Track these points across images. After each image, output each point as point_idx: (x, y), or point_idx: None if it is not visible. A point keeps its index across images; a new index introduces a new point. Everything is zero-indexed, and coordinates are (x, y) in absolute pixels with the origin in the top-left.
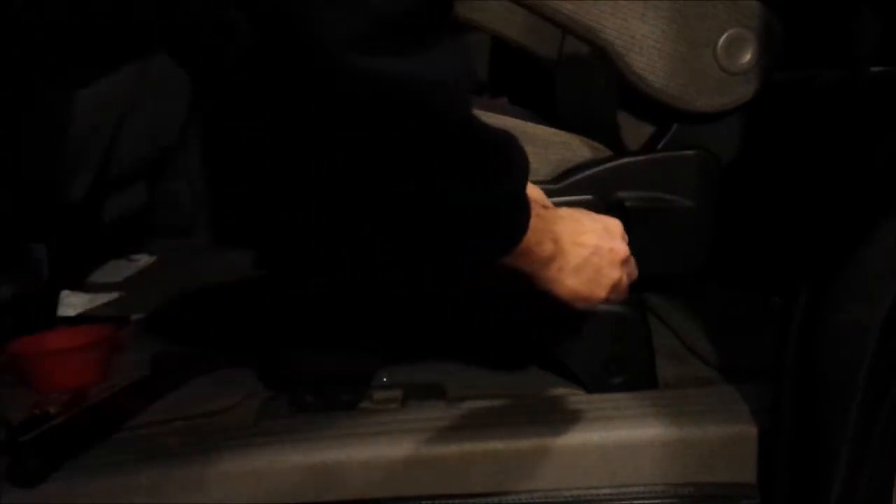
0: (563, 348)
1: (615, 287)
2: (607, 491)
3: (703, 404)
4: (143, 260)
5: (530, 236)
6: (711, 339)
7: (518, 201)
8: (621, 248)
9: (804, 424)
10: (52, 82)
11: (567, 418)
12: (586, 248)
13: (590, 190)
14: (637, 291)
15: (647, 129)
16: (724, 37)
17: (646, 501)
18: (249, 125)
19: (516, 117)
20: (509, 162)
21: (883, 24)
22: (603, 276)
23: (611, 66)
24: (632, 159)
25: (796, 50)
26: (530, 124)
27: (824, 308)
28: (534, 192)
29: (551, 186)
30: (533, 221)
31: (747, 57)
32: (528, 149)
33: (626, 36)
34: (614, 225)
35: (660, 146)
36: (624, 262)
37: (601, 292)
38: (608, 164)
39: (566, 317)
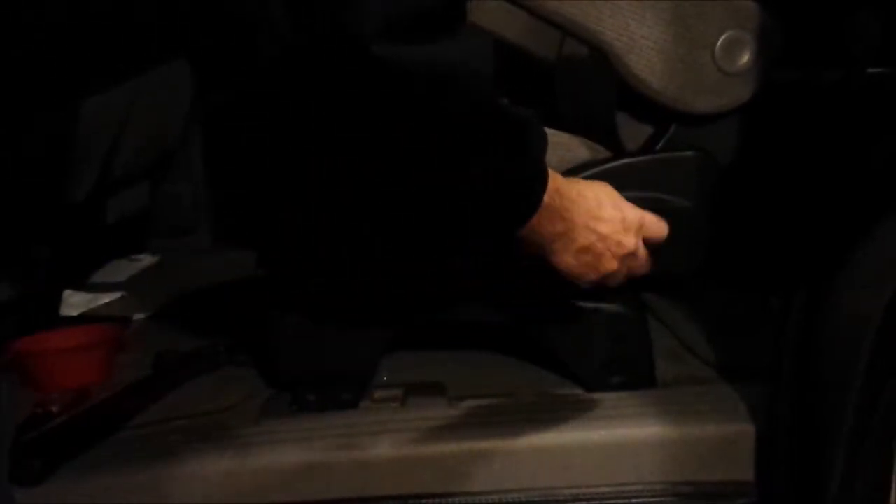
0: (563, 348)
1: (610, 276)
2: (606, 489)
3: (702, 403)
4: (146, 260)
5: (543, 213)
6: (710, 339)
7: (533, 179)
8: (629, 242)
9: (802, 423)
10: (58, 90)
11: (566, 417)
12: (594, 235)
13: None
14: (636, 291)
15: (645, 130)
16: (722, 38)
17: (644, 500)
18: (253, 125)
19: None
20: (528, 140)
21: (882, 24)
22: (601, 263)
23: (610, 67)
24: (631, 160)
25: (795, 50)
26: None
27: (822, 308)
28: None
29: None
30: (547, 200)
31: (745, 58)
32: None
33: (626, 38)
34: (634, 219)
35: (658, 147)
36: (626, 256)
37: (593, 276)
38: (607, 165)
39: (566, 317)
